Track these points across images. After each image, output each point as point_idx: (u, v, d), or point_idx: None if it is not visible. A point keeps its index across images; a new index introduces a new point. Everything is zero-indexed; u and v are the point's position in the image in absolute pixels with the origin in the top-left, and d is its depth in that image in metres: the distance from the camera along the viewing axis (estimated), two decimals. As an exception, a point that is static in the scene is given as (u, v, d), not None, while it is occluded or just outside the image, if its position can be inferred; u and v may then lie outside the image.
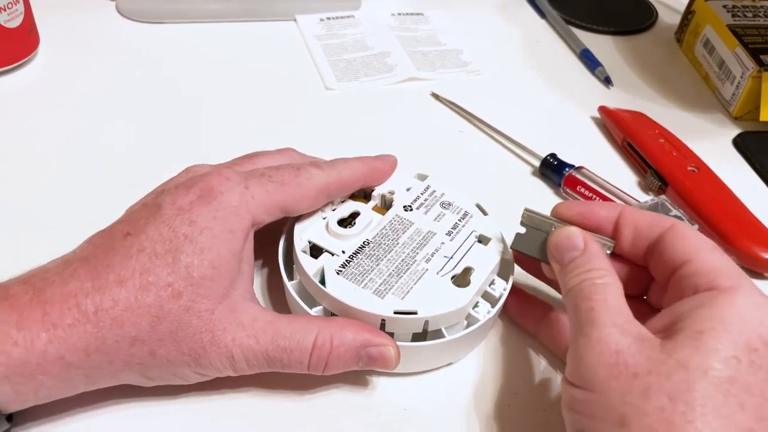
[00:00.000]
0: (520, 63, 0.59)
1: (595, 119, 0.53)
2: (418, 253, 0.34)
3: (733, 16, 0.57)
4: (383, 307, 0.32)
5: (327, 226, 0.35)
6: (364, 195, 0.38)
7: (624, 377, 0.25)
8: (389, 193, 0.37)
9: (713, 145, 0.51)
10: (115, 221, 0.31)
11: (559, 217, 0.33)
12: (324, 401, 0.33)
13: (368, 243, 0.34)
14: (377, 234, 0.35)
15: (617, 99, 0.56)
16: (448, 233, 0.36)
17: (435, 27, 0.62)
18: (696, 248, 0.29)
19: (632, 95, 0.56)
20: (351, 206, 0.36)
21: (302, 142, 0.47)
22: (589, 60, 0.59)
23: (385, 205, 0.37)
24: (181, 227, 0.29)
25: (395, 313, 0.31)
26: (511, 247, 0.34)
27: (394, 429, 0.32)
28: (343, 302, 0.32)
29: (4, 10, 0.47)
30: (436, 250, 0.35)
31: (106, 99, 0.50)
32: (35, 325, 0.26)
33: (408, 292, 0.32)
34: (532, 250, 0.33)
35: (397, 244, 0.35)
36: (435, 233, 0.35)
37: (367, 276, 0.33)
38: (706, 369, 0.24)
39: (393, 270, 0.33)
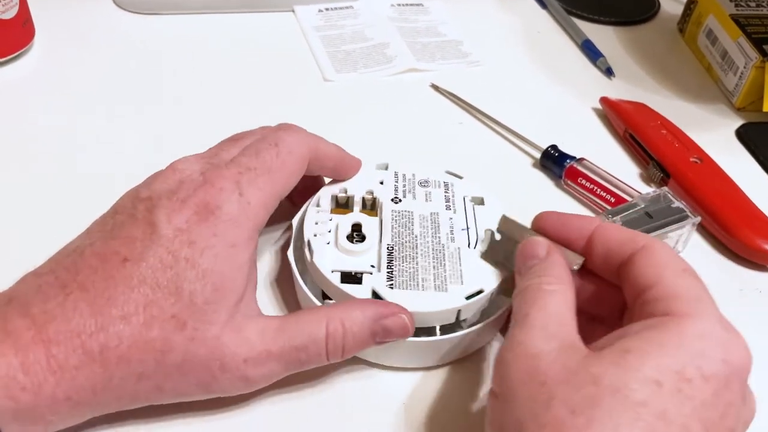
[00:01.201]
0: (521, 54, 0.59)
1: (596, 110, 0.53)
2: (438, 237, 0.34)
3: (736, 6, 0.56)
4: (454, 299, 0.32)
5: (339, 248, 0.33)
6: (345, 205, 0.36)
7: (533, 384, 0.24)
8: (368, 193, 0.36)
9: (716, 136, 0.51)
10: (104, 230, 0.29)
11: (535, 227, 0.32)
12: (324, 397, 0.32)
13: (392, 247, 0.34)
14: (392, 235, 0.34)
15: (619, 90, 0.55)
16: (447, 207, 0.36)
17: (435, 18, 0.62)
18: (661, 272, 0.27)
19: (634, 86, 0.56)
20: (343, 220, 0.35)
21: (300, 134, 0.47)
22: (590, 51, 0.59)
23: (371, 207, 0.36)
24: (181, 250, 0.28)
25: (467, 298, 0.31)
26: (480, 257, 0.34)
27: (393, 424, 0.32)
28: (419, 312, 0.31)
29: (-1, 1, 0.47)
30: (451, 228, 0.35)
31: (102, 91, 0.49)
32: (41, 369, 0.25)
33: (461, 275, 0.32)
34: (502, 258, 0.33)
35: (416, 236, 0.34)
36: (437, 212, 0.35)
37: (417, 277, 0.32)
38: (619, 387, 0.23)
39: (433, 261, 0.33)
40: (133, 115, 0.48)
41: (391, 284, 0.32)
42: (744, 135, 0.52)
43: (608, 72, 0.57)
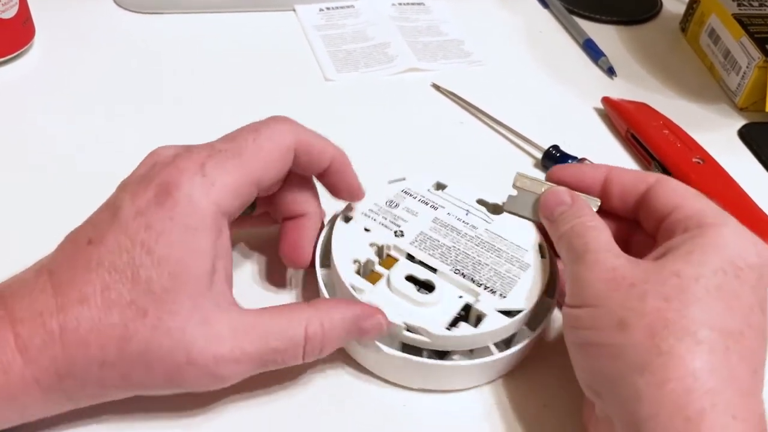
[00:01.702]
0: (523, 53, 0.59)
1: (598, 110, 0.53)
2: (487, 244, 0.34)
3: (738, 5, 0.56)
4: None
5: (407, 299, 0.32)
6: (381, 258, 0.34)
7: (623, 287, 0.27)
8: (398, 233, 0.35)
9: (718, 137, 0.51)
10: (86, 219, 0.29)
11: (550, 180, 0.35)
12: (320, 396, 0.32)
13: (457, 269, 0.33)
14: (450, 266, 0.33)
15: (621, 90, 0.55)
16: (467, 212, 0.36)
17: (436, 17, 0.62)
18: (683, 196, 0.31)
19: (636, 86, 0.56)
20: (399, 271, 0.33)
21: (301, 134, 0.47)
22: (592, 50, 0.58)
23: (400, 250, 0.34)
24: (138, 234, 0.27)
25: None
26: (503, 209, 0.36)
27: (393, 425, 0.32)
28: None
29: (-1, 0, 0.47)
30: (487, 232, 0.35)
31: (102, 90, 0.49)
32: (10, 347, 0.25)
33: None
34: (523, 210, 0.36)
35: (474, 254, 0.34)
36: (466, 222, 0.36)
37: (513, 285, 0.33)
38: (698, 276, 0.27)
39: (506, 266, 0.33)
40: (134, 114, 0.47)
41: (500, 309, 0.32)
42: (746, 135, 0.52)
43: (610, 71, 0.56)
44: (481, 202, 0.37)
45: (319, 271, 0.34)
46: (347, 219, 0.35)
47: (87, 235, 0.28)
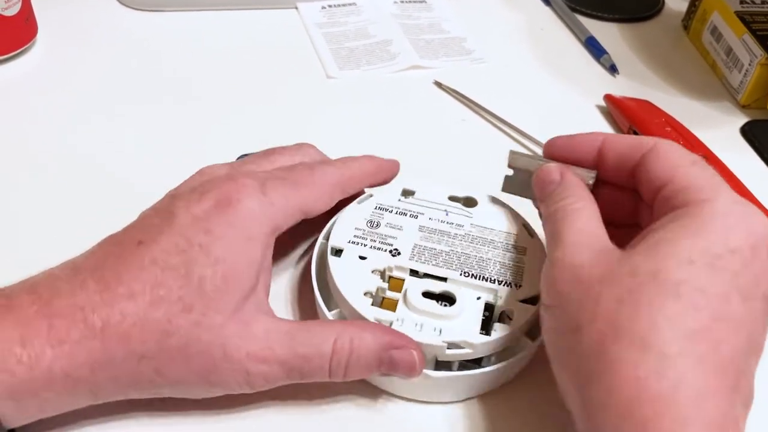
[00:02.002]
0: (525, 51, 0.59)
1: (600, 108, 0.53)
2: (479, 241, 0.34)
3: (740, 2, 0.56)
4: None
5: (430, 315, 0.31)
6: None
7: (581, 288, 0.26)
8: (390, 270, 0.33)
9: (720, 134, 0.51)
10: (128, 226, 0.30)
11: (545, 155, 0.34)
12: (335, 415, 0.32)
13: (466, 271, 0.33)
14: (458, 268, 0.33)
15: (623, 87, 0.55)
16: (446, 212, 0.35)
17: (438, 14, 0.62)
18: (675, 167, 0.28)
19: (638, 83, 0.56)
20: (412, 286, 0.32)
21: (303, 131, 0.47)
22: (594, 48, 0.58)
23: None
24: (196, 237, 0.28)
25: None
26: (501, 190, 0.35)
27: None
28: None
29: (1, -3, 0.47)
30: (472, 226, 0.35)
31: (104, 88, 0.49)
32: (40, 340, 0.25)
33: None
34: (520, 190, 0.35)
35: (473, 252, 0.34)
36: (450, 222, 0.35)
37: (522, 272, 0.33)
38: (656, 272, 0.25)
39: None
40: (136, 112, 0.47)
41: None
42: (749, 132, 0.51)
43: (612, 69, 0.56)
44: (453, 198, 0.36)
45: (328, 313, 0.32)
46: (338, 252, 0.33)
47: (136, 237, 0.29)
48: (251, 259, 0.29)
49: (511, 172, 0.35)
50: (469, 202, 0.36)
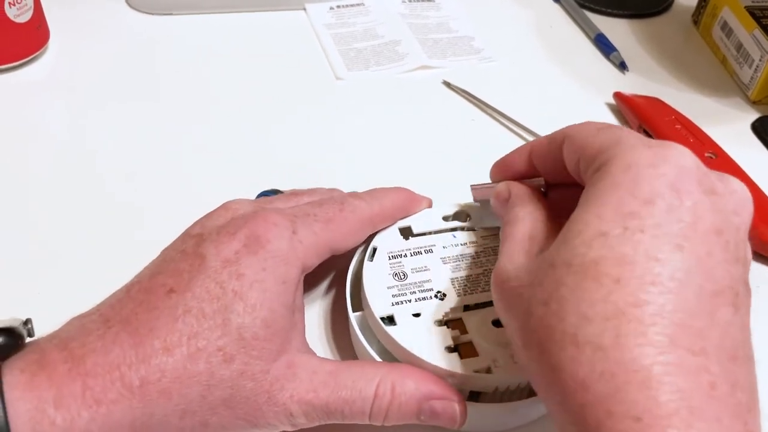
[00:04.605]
0: (533, 49, 0.58)
1: (610, 105, 0.53)
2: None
3: (751, -3, 0.56)
4: None
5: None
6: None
7: (514, 301, 0.25)
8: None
9: (731, 131, 0.50)
10: (152, 267, 0.29)
11: (492, 181, 0.34)
12: None
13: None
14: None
15: (633, 84, 0.55)
16: (453, 236, 0.35)
17: (446, 14, 0.62)
18: (581, 147, 0.26)
19: (648, 80, 0.56)
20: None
21: (312, 133, 0.47)
22: (603, 45, 0.58)
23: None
24: (230, 282, 0.27)
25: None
26: (475, 228, 0.35)
27: None
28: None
29: (13, 4, 0.47)
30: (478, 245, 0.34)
31: (116, 92, 0.50)
32: (75, 403, 0.24)
33: None
34: (490, 220, 0.35)
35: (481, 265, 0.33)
36: (463, 243, 0.34)
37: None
38: (569, 259, 0.22)
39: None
40: (148, 115, 0.48)
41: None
42: (759, 128, 0.51)
43: (622, 66, 0.56)
44: (446, 218, 0.36)
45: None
46: (390, 320, 0.31)
47: (166, 284, 0.27)
48: (286, 302, 0.28)
49: (478, 204, 0.35)
50: (460, 215, 0.36)
